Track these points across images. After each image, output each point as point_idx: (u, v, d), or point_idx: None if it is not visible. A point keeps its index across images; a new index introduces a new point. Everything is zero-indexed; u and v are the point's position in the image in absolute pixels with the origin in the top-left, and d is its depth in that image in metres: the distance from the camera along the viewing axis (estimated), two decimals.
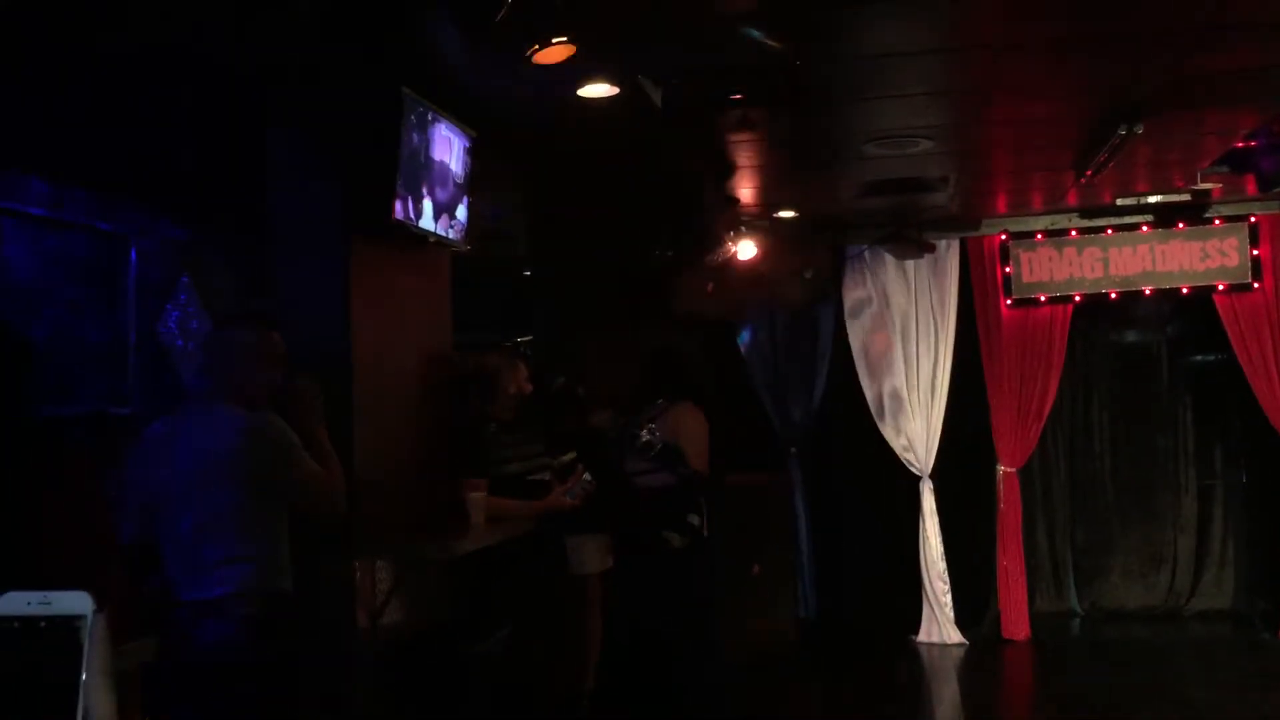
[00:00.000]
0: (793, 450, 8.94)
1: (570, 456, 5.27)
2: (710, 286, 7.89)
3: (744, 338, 9.13)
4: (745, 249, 7.45)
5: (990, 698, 7.60)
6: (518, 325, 9.26)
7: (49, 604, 0.78)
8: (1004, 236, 8.38)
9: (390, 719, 4.26)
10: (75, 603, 0.78)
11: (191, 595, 3.46)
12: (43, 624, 0.78)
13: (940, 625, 8.33)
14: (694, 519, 5.86)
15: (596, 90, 4.73)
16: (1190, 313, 8.58)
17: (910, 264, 8.40)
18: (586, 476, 5.16)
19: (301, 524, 3.69)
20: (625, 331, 7.91)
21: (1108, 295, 8.32)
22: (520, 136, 5.53)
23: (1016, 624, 8.32)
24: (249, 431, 3.50)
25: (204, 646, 3.47)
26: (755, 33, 4.08)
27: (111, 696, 0.77)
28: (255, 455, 3.47)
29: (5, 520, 2.81)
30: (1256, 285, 8.05)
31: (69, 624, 0.78)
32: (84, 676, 0.76)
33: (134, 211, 5.89)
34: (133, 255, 6.01)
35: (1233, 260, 8.09)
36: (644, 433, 5.99)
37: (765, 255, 7.65)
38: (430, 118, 4.46)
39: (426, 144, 4.44)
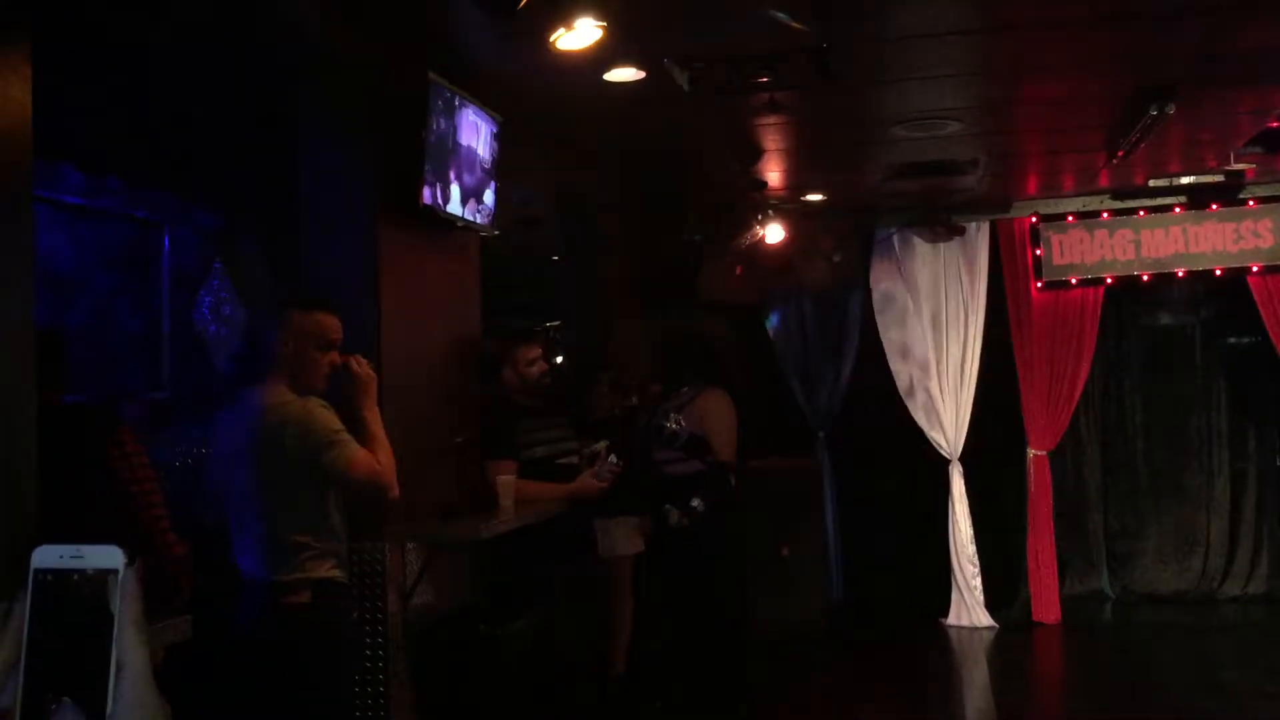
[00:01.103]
0: (821, 434, 8.94)
1: (601, 445, 5.30)
2: (739, 270, 7.90)
3: (772, 321, 9.13)
4: (773, 232, 7.44)
5: (1019, 681, 7.58)
6: (546, 310, 9.30)
7: (81, 557, 0.80)
8: (1034, 219, 8.33)
9: (419, 700, 4.31)
10: (107, 557, 0.80)
11: (237, 577, 3.55)
12: (75, 577, 0.80)
13: (969, 608, 8.32)
14: (696, 502, 5.89)
15: (623, 74, 4.75)
16: (1223, 295, 8.51)
17: (940, 247, 8.37)
18: (613, 459, 5.18)
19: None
20: (654, 316, 7.93)
21: (1140, 277, 8.25)
22: (547, 121, 5.56)
23: (1047, 607, 8.30)
24: (277, 419, 3.53)
25: (242, 631, 3.55)
26: (782, 14, 4.07)
27: (144, 649, 0.80)
28: (282, 442, 3.50)
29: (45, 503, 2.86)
30: None
31: (100, 577, 0.80)
32: (116, 628, 0.78)
33: (168, 199, 5.96)
34: (166, 243, 6.08)
35: (1267, 241, 8.00)
36: (670, 423, 6.02)
37: (793, 239, 7.64)
38: (457, 103, 4.48)
39: (454, 129, 4.47)
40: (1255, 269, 8.03)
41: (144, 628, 0.80)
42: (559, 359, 7.59)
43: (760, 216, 7.34)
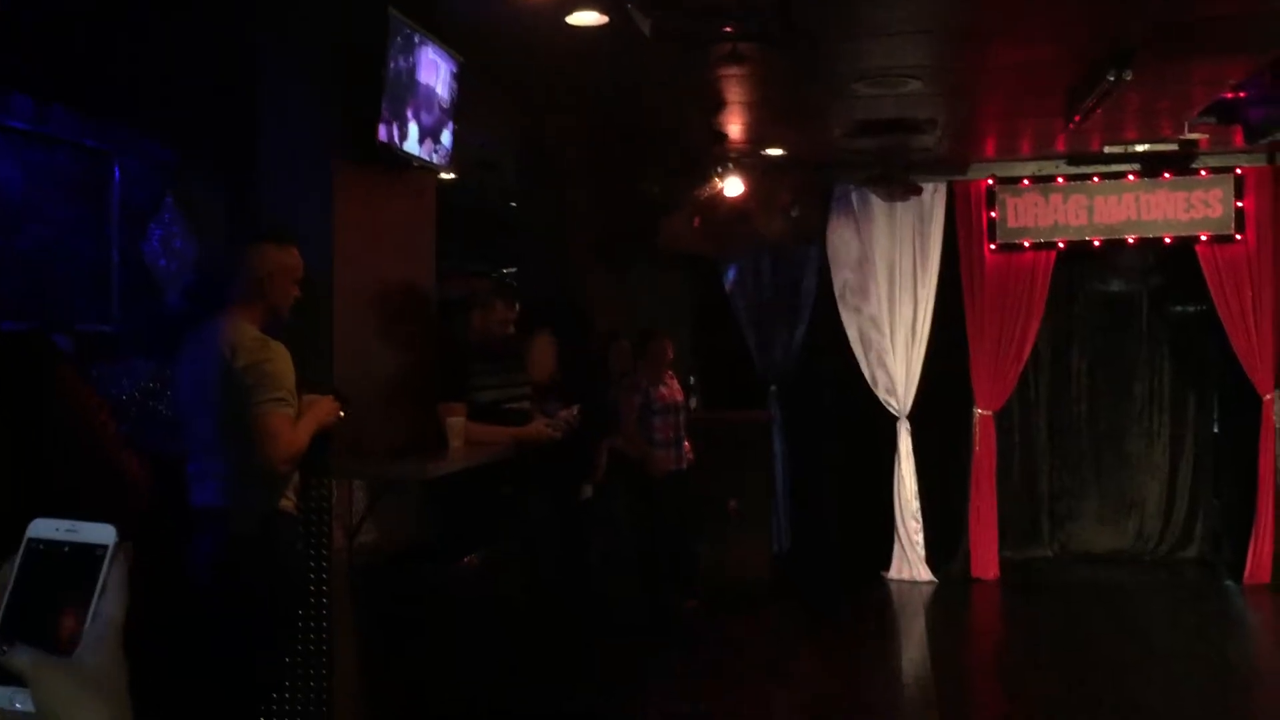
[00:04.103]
0: (773, 388, 9.02)
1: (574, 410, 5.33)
2: (697, 222, 7.91)
3: (729, 275, 9.17)
4: (732, 186, 7.44)
5: (956, 634, 7.75)
6: (504, 257, 9.27)
7: (75, 532, 0.84)
8: (991, 181, 8.40)
9: (362, 636, 4.35)
10: (100, 534, 0.84)
11: (187, 504, 3.59)
12: (66, 549, 0.83)
13: (911, 563, 8.47)
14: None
15: (585, 18, 4.72)
16: (1172, 263, 8.64)
17: (896, 205, 8.41)
18: (573, 412, 5.24)
19: None
20: (612, 265, 7.94)
21: (1091, 243, 8.36)
22: (508, 64, 5.52)
23: (986, 564, 8.47)
24: (225, 354, 3.55)
25: (191, 559, 3.57)
26: None
27: (121, 610, 0.84)
28: (237, 375, 3.53)
29: None
30: (1239, 237, 8.10)
31: (91, 551, 0.83)
32: (98, 591, 0.82)
33: (120, 130, 5.87)
34: (116, 173, 5.99)
35: (1216, 211, 8.13)
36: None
37: (752, 193, 7.65)
38: (417, 40, 4.44)
39: (412, 67, 4.43)
40: (1204, 238, 8.16)
41: (125, 592, 0.84)
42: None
43: (720, 169, 7.35)
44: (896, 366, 8.49)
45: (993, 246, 8.41)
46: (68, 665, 0.80)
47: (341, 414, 3.77)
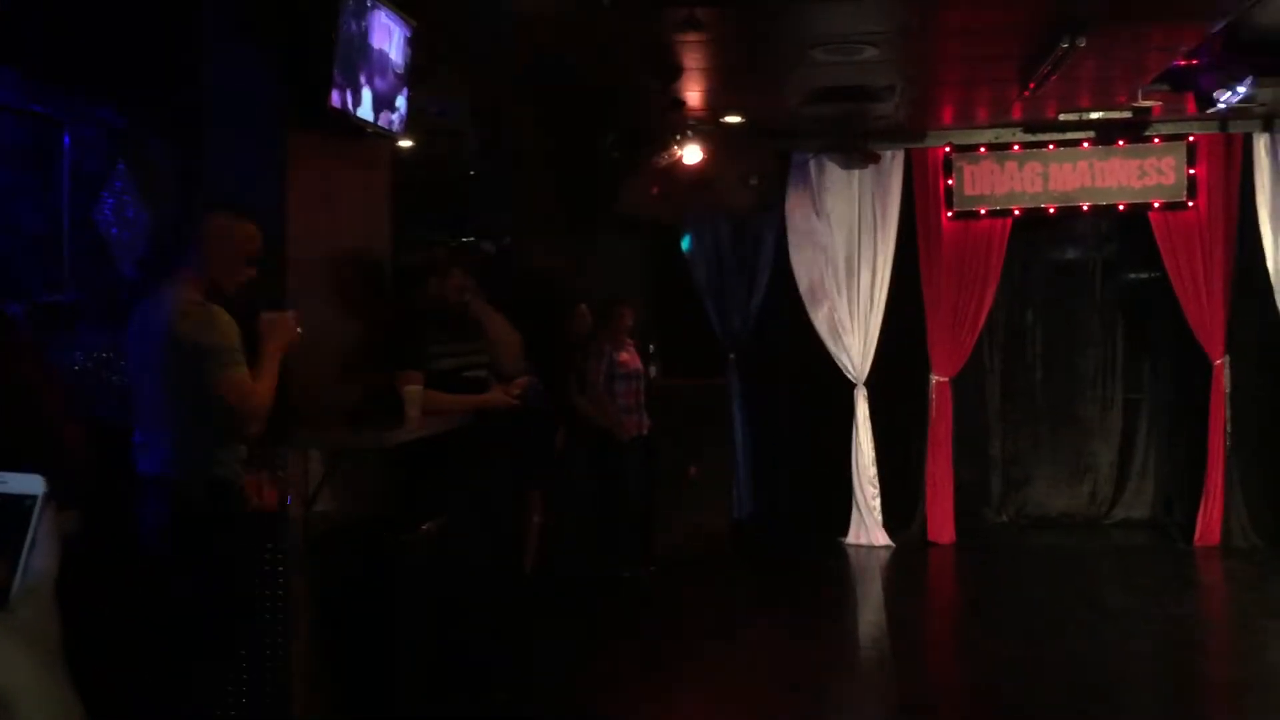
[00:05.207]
0: (731, 355, 9.05)
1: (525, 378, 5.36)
2: (655, 189, 7.90)
3: (687, 242, 9.17)
4: (691, 153, 7.44)
5: (912, 598, 7.85)
6: (462, 225, 9.21)
7: (4, 484, 0.83)
8: (948, 149, 8.43)
9: (318, 604, 4.34)
10: (29, 484, 0.84)
11: (136, 475, 3.60)
12: None
13: (868, 528, 8.56)
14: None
15: None
16: (1126, 231, 8.74)
17: (855, 173, 8.43)
18: (532, 380, 5.26)
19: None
20: (570, 232, 7.92)
21: (1046, 210, 8.43)
22: (463, 29, 5.47)
23: (942, 528, 8.57)
24: (171, 323, 3.56)
25: (139, 527, 3.56)
26: None
27: (53, 561, 0.84)
28: (182, 343, 3.53)
29: None
30: (1191, 204, 8.19)
31: (19, 502, 0.83)
32: (28, 542, 0.82)
33: (68, 96, 5.77)
34: (66, 140, 5.89)
35: (1169, 179, 8.21)
36: None
37: (711, 160, 7.65)
38: (369, 4, 4.39)
39: (365, 31, 4.38)
40: (1157, 205, 8.25)
41: (56, 544, 0.84)
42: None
43: (678, 136, 7.33)
44: (854, 334, 8.54)
45: (950, 214, 8.46)
46: None
47: (299, 330, 3.79)
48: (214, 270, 3.68)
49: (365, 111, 4.46)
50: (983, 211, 8.44)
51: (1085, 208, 8.40)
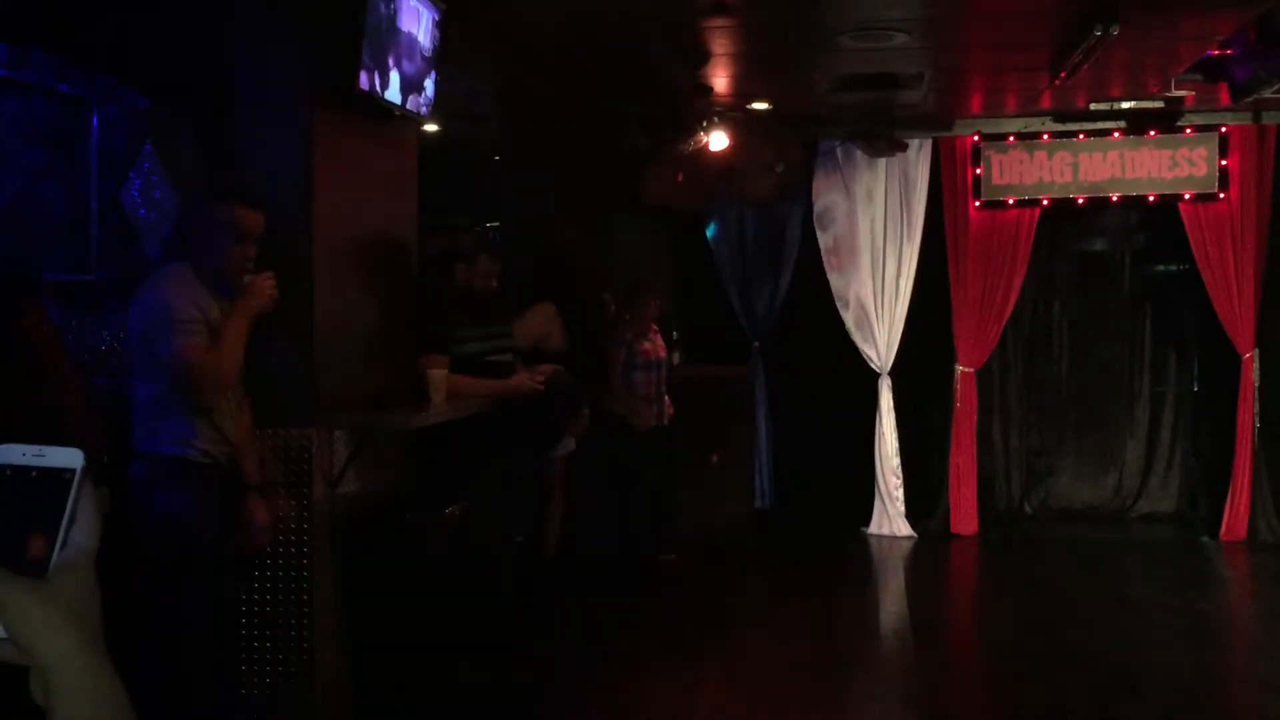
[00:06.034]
0: (756, 344, 9.02)
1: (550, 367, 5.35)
2: (680, 176, 7.86)
3: (712, 230, 9.14)
4: (717, 140, 7.40)
5: (934, 589, 7.82)
6: (487, 211, 9.22)
7: (43, 456, 0.84)
8: (976, 137, 8.37)
9: (346, 586, 4.36)
10: (67, 458, 0.84)
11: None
12: (34, 474, 0.83)
13: (891, 518, 8.53)
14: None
15: None
16: (1155, 222, 8.65)
17: (881, 162, 8.39)
18: (559, 368, 5.26)
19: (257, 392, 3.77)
20: (595, 220, 7.91)
21: (1075, 200, 8.35)
22: (491, 13, 5.45)
23: (965, 520, 8.53)
24: (139, 298, 3.59)
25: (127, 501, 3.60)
26: None
27: (95, 536, 0.84)
28: (140, 322, 3.58)
29: None
30: (1223, 196, 8.10)
31: (58, 475, 0.83)
32: (67, 517, 0.82)
33: (97, 76, 5.78)
34: (94, 120, 5.91)
35: (1201, 170, 8.12)
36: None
37: (737, 147, 7.60)
38: None
39: (394, 14, 4.37)
40: (1188, 196, 8.16)
41: (96, 519, 0.84)
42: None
43: (705, 123, 7.29)
44: (879, 323, 8.50)
45: (977, 203, 8.39)
46: (37, 588, 0.80)
47: (274, 294, 3.66)
48: (201, 253, 3.63)
49: (393, 94, 4.46)
50: (1011, 201, 8.37)
51: (1114, 198, 8.32)
